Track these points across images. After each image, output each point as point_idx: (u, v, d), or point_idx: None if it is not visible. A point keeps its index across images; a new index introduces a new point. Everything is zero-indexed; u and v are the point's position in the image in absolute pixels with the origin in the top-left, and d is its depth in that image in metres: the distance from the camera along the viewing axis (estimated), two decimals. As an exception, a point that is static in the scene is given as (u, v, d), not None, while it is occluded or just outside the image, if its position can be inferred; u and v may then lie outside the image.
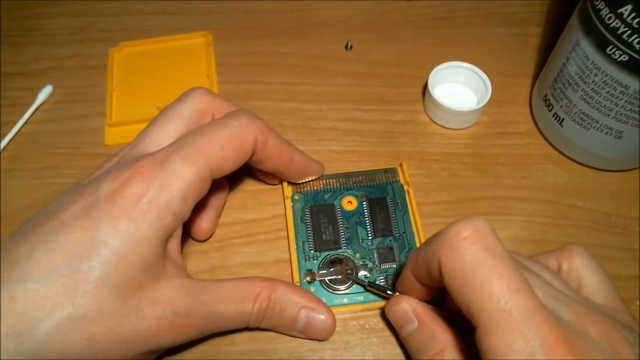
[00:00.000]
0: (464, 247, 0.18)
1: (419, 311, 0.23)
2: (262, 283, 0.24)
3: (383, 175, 0.30)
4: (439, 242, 0.19)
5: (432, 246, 0.19)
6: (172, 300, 0.21)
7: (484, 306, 0.17)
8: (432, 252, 0.19)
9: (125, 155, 0.23)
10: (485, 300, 0.17)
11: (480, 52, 0.36)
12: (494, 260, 0.17)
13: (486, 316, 0.17)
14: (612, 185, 0.30)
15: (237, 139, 0.23)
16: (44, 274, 0.19)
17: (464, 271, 0.17)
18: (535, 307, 0.17)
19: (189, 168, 0.21)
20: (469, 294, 0.17)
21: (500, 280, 0.17)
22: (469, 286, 0.17)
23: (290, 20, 0.39)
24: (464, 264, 0.18)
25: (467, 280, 0.17)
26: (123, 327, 0.20)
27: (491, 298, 0.17)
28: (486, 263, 0.17)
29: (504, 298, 0.17)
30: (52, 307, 0.19)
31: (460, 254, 0.18)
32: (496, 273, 0.17)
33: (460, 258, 0.18)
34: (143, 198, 0.20)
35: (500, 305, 0.16)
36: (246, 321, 0.23)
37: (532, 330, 0.16)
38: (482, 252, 0.17)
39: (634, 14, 0.23)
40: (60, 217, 0.20)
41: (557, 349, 0.16)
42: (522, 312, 0.16)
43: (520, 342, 0.16)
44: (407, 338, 0.23)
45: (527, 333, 0.16)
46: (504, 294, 0.17)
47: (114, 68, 0.36)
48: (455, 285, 0.18)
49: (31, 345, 0.18)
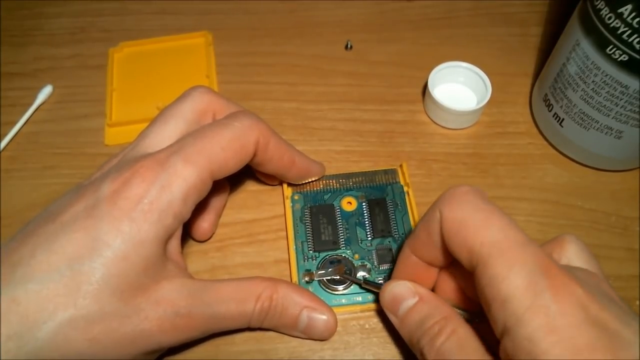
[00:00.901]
0: (463, 197, 0.19)
1: (419, 288, 0.22)
2: (264, 283, 0.24)
3: (383, 176, 0.30)
4: (438, 200, 0.20)
5: (432, 207, 0.20)
6: (173, 300, 0.21)
7: (484, 241, 0.18)
8: (432, 211, 0.20)
9: (125, 155, 0.23)
10: (485, 235, 0.18)
11: (480, 52, 0.36)
12: (491, 207, 0.19)
13: (486, 249, 0.18)
14: (612, 185, 0.30)
15: (239, 141, 0.23)
16: (45, 275, 0.19)
17: (463, 215, 0.19)
18: (529, 240, 0.18)
19: (190, 169, 0.21)
20: (469, 234, 0.18)
21: (500, 219, 0.18)
22: (469, 227, 0.18)
23: (290, 20, 0.39)
24: (464, 209, 0.19)
25: (467, 223, 0.19)
26: (125, 328, 0.20)
27: (491, 232, 0.18)
28: (485, 207, 0.19)
29: (502, 231, 0.18)
30: (54, 309, 0.19)
31: (459, 202, 0.19)
32: (494, 215, 0.18)
33: (460, 205, 0.19)
34: (144, 199, 0.20)
35: (499, 237, 0.18)
36: (247, 321, 0.23)
37: (529, 255, 0.17)
38: (479, 200, 0.19)
39: (634, 14, 0.23)
40: (61, 218, 0.20)
41: (553, 270, 0.17)
42: (519, 241, 0.18)
43: (519, 264, 0.17)
44: (407, 314, 0.22)
45: (525, 257, 0.17)
46: (501, 229, 0.18)
47: (114, 68, 0.36)
48: (455, 231, 0.19)
49: (33, 346, 0.18)
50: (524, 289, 0.16)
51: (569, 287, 0.17)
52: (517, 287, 0.17)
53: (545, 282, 0.16)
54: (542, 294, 0.16)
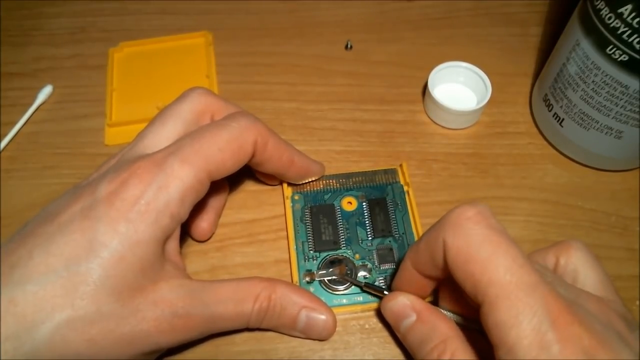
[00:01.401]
0: (469, 226, 0.18)
1: (417, 304, 0.22)
2: (262, 283, 0.24)
3: (383, 176, 0.30)
4: (442, 224, 0.19)
5: (436, 230, 0.19)
6: (171, 301, 0.21)
7: (491, 280, 0.17)
8: (436, 235, 0.19)
9: (123, 156, 0.23)
10: (492, 274, 0.17)
11: (480, 52, 0.36)
12: (499, 237, 0.18)
13: (493, 290, 0.17)
14: (612, 185, 0.30)
15: (236, 141, 0.23)
16: (43, 277, 0.19)
17: (469, 248, 0.18)
18: (539, 280, 0.17)
19: (187, 169, 0.21)
20: (476, 270, 0.17)
21: (506, 255, 0.17)
22: (476, 262, 0.18)
23: (290, 20, 0.39)
24: (470, 241, 0.18)
25: (473, 257, 0.18)
26: (122, 328, 0.20)
27: (498, 271, 0.17)
28: (491, 239, 0.18)
29: (510, 271, 0.17)
30: (51, 309, 0.19)
31: (465, 233, 0.18)
32: (501, 248, 0.17)
33: (466, 236, 0.18)
34: (141, 199, 0.20)
35: (507, 278, 0.17)
36: (246, 321, 0.23)
37: (538, 300, 0.16)
38: (486, 230, 0.18)
39: (634, 14, 0.23)
40: (59, 219, 0.20)
41: (563, 318, 0.16)
42: (527, 284, 0.17)
43: (527, 312, 0.16)
44: (406, 333, 0.22)
45: (533, 303, 0.16)
46: (510, 267, 0.17)
47: (114, 68, 0.36)
48: (460, 263, 0.18)
49: (31, 347, 0.18)
50: (531, 341, 0.16)
51: (578, 339, 0.16)
52: (524, 338, 0.16)
53: (553, 335, 0.16)
54: (549, 348, 0.16)
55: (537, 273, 0.17)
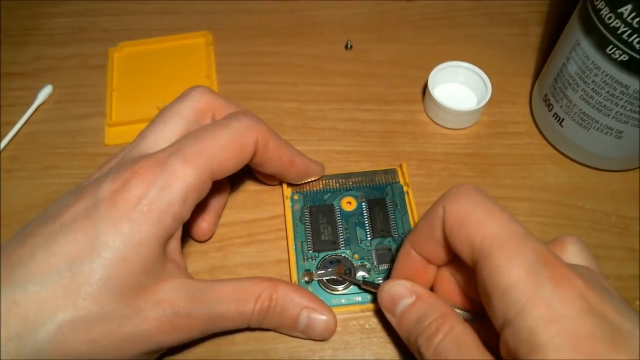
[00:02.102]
0: (466, 194, 0.20)
1: (417, 287, 0.22)
2: (264, 283, 0.24)
3: (383, 176, 0.30)
4: (442, 198, 0.20)
5: (435, 204, 0.21)
6: (173, 300, 0.21)
7: (486, 234, 0.18)
8: (435, 207, 0.20)
9: (125, 156, 0.23)
10: (487, 229, 0.18)
11: (480, 52, 0.36)
12: (492, 203, 0.19)
13: (487, 241, 0.18)
14: (612, 185, 0.30)
15: (238, 141, 0.23)
16: (45, 277, 0.19)
17: (466, 210, 0.19)
18: (529, 233, 0.18)
19: (190, 169, 0.21)
20: (471, 228, 0.19)
21: (500, 214, 0.19)
22: (471, 221, 0.19)
23: (290, 20, 0.39)
24: (466, 204, 0.19)
25: (469, 217, 0.19)
26: (124, 328, 0.20)
27: (492, 226, 0.18)
28: (486, 203, 0.19)
29: (503, 225, 0.18)
30: (53, 310, 0.19)
31: (462, 198, 0.20)
32: (495, 210, 0.19)
33: (462, 201, 0.20)
34: (143, 199, 0.20)
35: (500, 230, 0.18)
36: (247, 321, 0.23)
37: (529, 247, 0.18)
38: (480, 196, 0.20)
39: (634, 14, 0.23)
40: (61, 219, 0.20)
41: (553, 262, 0.17)
42: (520, 235, 0.18)
43: (520, 255, 0.17)
44: (405, 313, 0.22)
45: (525, 249, 0.17)
46: (502, 222, 0.18)
47: (114, 68, 0.36)
48: (457, 225, 0.19)
49: (33, 347, 0.18)
50: (525, 280, 0.17)
51: (570, 278, 0.17)
52: (518, 277, 0.17)
53: (546, 273, 0.17)
54: (543, 285, 0.16)
55: (528, 231, 0.18)
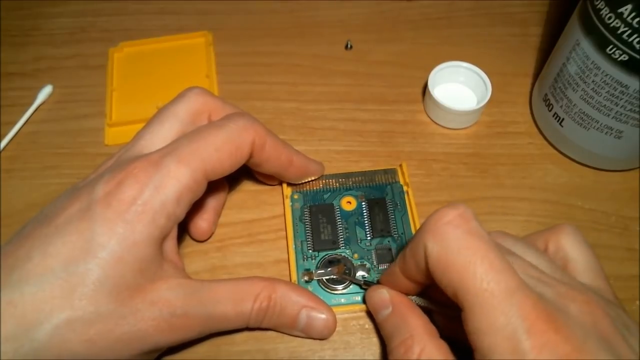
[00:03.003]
0: (447, 230, 0.18)
1: (395, 298, 0.23)
2: (262, 283, 0.24)
3: (382, 176, 0.30)
4: (423, 230, 0.19)
5: (417, 236, 0.19)
6: (170, 300, 0.21)
7: (468, 287, 0.17)
8: (418, 241, 0.19)
9: (120, 157, 0.23)
10: (469, 281, 0.17)
11: (480, 52, 0.36)
12: (477, 242, 0.18)
13: (470, 297, 0.17)
14: (612, 185, 0.30)
15: (233, 142, 0.23)
16: (41, 278, 0.19)
17: (447, 255, 0.18)
18: (517, 285, 0.17)
19: (184, 170, 0.21)
20: (454, 277, 0.18)
21: (483, 261, 0.17)
22: (453, 269, 0.18)
23: (290, 20, 0.39)
24: (448, 247, 0.18)
25: (451, 263, 0.18)
26: (121, 329, 0.20)
27: (475, 279, 0.17)
28: (469, 245, 0.18)
29: (486, 278, 0.17)
30: (50, 310, 0.19)
31: (443, 238, 0.18)
32: (479, 255, 0.17)
33: (444, 242, 0.18)
34: (137, 200, 0.20)
35: (482, 286, 0.17)
36: (246, 321, 0.23)
37: (514, 307, 0.16)
38: (464, 235, 0.18)
39: (634, 14, 0.23)
40: (56, 221, 0.20)
41: (539, 325, 0.16)
42: (503, 291, 0.17)
43: (502, 319, 0.16)
44: (382, 323, 0.23)
45: (508, 311, 0.16)
46: (486, 274, 0.17)
47: (114, 68, 0.36)
48: (440, 269, 0.18)
49: (30, 348, 0.18)
50: (505, 349, 0.16)
51: (554, 346, 0.16)
52: (498, 346, 0.16)
53: (527, 344, 0.16)
54: (524, 356, 0.16)
55: (516, 278, 0.17)
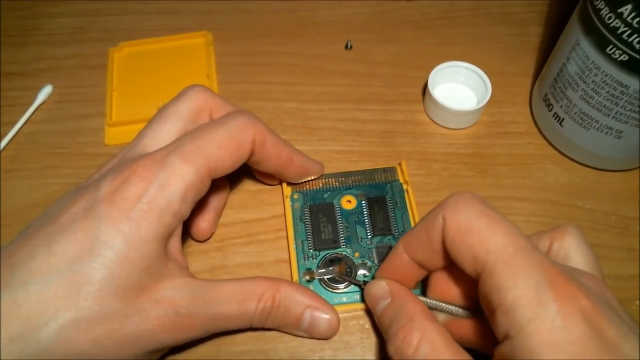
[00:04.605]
0: (467, 204, 0.19)
1: (395, 288, 0.23)
2: (266, 283, 0.23)
3: (382, 174, 0.30)
4: (441, 205, 0.20)
5: (434, 211, 0.20)
6: (174, 300, 0.21)
7: (489, 248, 0.18)
8: (435, 215, 0.20)
9: (124, 156, 0.23)
10: (491, 242, 0.18)
11: (480, 52, 0.36)
12: (494, 213, 0.19)
13: (491, 256, 0.18)
14: (612, 185, 0.30)
15: (235, 139, 0.23)
16: (45, 277, 0.19)
17: (468, 220, 0.19)
18: (534, 248, 0.18)
19: (188, 167, 0.21)
20: (475, 240, 0.18)
21: (502, 225, 0.18)
22: (474, 233, 0.19)
23: (290, 20, 0.39)
24: (468, 214, 0.19)
25: (471, 228, 0.19)
26: (126, 328, 0.20)
27: (496, 239, 0.18)
28: (488, 213, 0.19)
29: (507, 238, 0.18)
30: (55, 310, 0.19)
31: (463, 208, 0.19)
32: (497, 221, 0.19)
33: (464, 211, 0.19)
34: (143, 198, 0.20)
35: (504, 244, 0.18)
36: (249, 321, 0.23)
37: (535, 263, 0.17)
38: (482, 206, 0.19)
39: (634, 14, 0.23)
40: (61, 219, 0.20)
41: (559, 280, 0.17)
42: (523, 249, 0.18)
43: (525, 273, 0.17)
44: (381, 315, 0.23)
45: (530, 265, 0.17)
46: (507, 235, 0.18)
47: (114, 68, 0.36)
48: (459, 236, 0.19)
49: (36, 348, 0.18)
50: (529, 300, 0.17)
51: (575, 299, 0.17)
52: (522, 297, 0.17)
53: (550, 294, 0.16)
54: (547, 306, 0.16)
55: (532, 243, 0.18)
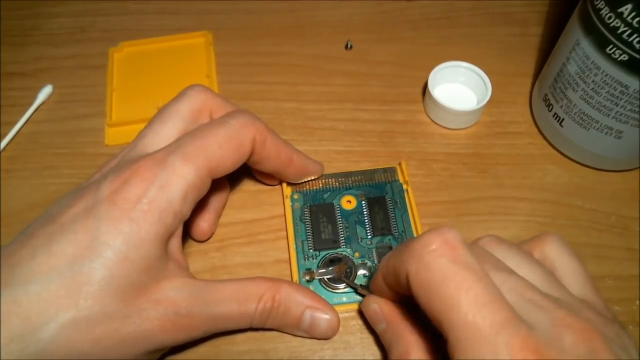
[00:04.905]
0: (432, 259, 0.17)
1: (387, 311, 0.23)
2: (266, 283, 0.23)
3: (382, 174, 0.30)
4: (407, 253, 0.18)
5: (401, 257, 0.18)
6: (174, 300, 0.21)
7: (452, 320, 0.16)
8: (401, 262, 0.18)
9: (124, 156, 0.23)
10: (453, 315, 0.16)
11: (480, 52, 0.36)
12: (463, 273, 0.17)
13: (455, 331, 0.16)
14: (612, 185, 0.30)
15: (236, 139, 0.23)
16: (46, 277, 0.19)
17: (431, 285, 0.17)
18: (506, 319, 0.16)
19: (189, 167, 0.21)
20: (437, 308, 0.17)
21: (468, 293, 0.16)
22: (437, 300, 0.17)
23: (290, 20, 0.39)
24: (432, 277, 0.17)
25: (435, 294, 0.17)
26: (126, 328, 0.20)
27: (459, 312, 0.16)
28: (454, 276, 0.17)
29: (471, 312, 0.16)
30: (55, 310, 0.19)
31: (428, 267, 0.17)
32: (464, 287, 0.16)
33: (428, 271, 0.17)
34: (143, 198, 0.20)
35: (468, 319, 0.16)
36: (249, 322, 0.23)
37: (502, 344, 0.15)
38: (450, 265, 0.17)
39: (634, 14, 0.23)
40: (61, 219, 0.20)
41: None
42: (490, 326, 0.16)
43: (489, 356, 0.15)
44: (381, 335, 0.23)
45: (495, 347, 0.15)
46: (471, 308, 0.16)
47: (114, 68, 0.36)
48: (423, 298, 0.17)
49: (36, 347, 0.18)
50: None
51: None
52: None
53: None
54: None
55: (504, 311, 0.16)
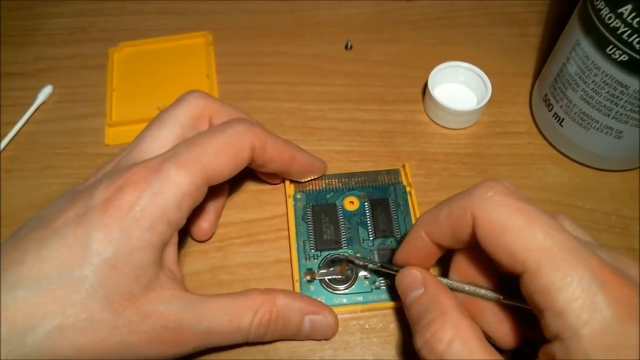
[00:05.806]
0: (498, 199, 0.18)
1: (428, 278, 0.22)
2: (261, 297, 0.23)
3: (385, 176, 0.30)
4: (470, 198, 0.19)
5: (462, 203, 0.19)
6: (163, 313, 0.21)
7: (530, 247, 0.17)
8: (463, 208, 0.19)
9: (120, 161, 0.23)
10: (531, 240, 0.17)
11: (480, 52, 0.36)
12: (529, 207, 0.18)
13: (533, 256, 0.17)
14: (612, 185, 0.30)
15: (233, 147, 0.23)
16: (34, 282, 0.19)
17: (503, 219, 0.18)
18: (579, 244, 0.17)
19: (183, 175, 0.21)
20: (511, 240, 0.18)
21: (540, 222, 0.18)
22: (511, 232, 0.18)
23: (290, 20, 0.39)
24: (502, 212, 0.18)
25: (507, 227, 0.18)
26: (112, 339, 0.20)
27: (536, 238, 0.17)
28: (523, 208, 0.18)
29: (549, 236, 0.17)
30: (42, 316, 0.19)
31: (496, 205, 0.18)
32: (534, 216, 0.18)
33: (497, 208, 0.18)
34: (136, 206, 0.20)
35: (547, 243, 0.17)
36: (245, 336, 0.23)
37: (583, 262, 0.16)
38: (515, 201, 0.18)
39: (634, 14, 0.23)
40: (53, 224, 0.20)
41: (610, 280, 0.16)
42: (568, 248, 0.17)
43: (575, 273, 0.16)
44: (411, 305, 0.22)
45: (579, 265, 0.16)
46: (547, 233, 0.17)
47: (114, 68, 0.36)
48: (494, 236, 0.18)
49: (21, 352, 0.18)
50: (582, 302, 0.16)
51: (629, 300, 0.16)
52: (574, 300, 0.16)
53: (604, 296, 0.16)
54: (602, 310, 0.16)
55: (574, 238, 0.17)
